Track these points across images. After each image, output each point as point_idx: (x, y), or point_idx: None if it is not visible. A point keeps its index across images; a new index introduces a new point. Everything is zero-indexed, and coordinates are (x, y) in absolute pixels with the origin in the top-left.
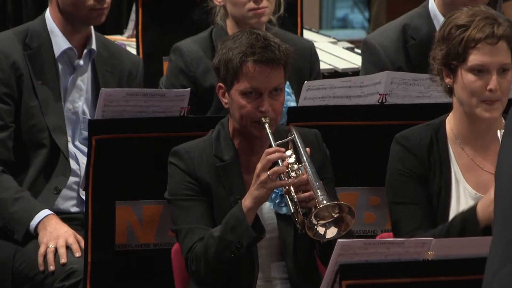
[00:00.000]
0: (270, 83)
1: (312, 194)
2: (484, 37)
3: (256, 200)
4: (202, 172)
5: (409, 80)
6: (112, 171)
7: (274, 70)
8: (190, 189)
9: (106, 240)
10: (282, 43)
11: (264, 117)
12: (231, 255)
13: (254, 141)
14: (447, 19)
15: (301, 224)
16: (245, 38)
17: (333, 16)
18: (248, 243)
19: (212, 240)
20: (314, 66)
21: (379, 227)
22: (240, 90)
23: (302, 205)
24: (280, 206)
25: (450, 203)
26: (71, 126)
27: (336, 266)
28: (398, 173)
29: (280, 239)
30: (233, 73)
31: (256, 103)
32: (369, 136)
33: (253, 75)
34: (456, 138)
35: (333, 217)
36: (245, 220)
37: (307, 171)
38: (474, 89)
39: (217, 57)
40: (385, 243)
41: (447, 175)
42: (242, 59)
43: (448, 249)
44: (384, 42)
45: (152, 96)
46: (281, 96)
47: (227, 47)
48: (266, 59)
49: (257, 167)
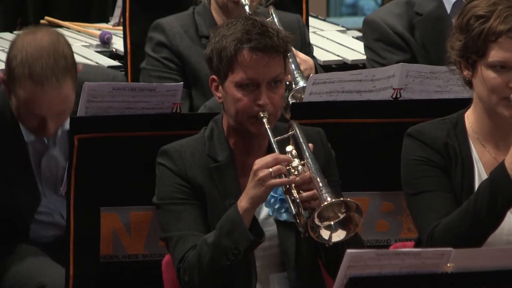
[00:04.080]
0: (268, 73)
1: (316, 193)
2: (506, 29)
3: (253, 200)
4: (194, 173)
5: (426, 73)
6: (96, 174)
7: (273, 59)
8: (181, 192)
9: (90, 251)
10: (281, 29)
11: (262, 112)
12: (228, 262)
13: (251, 139)
14: (465, 7)
15: (303, 227)
16: (240, 25)
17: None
18: (245, 248)
19: (205, 247)
20: (305, 37)
21: (393, 236)
22: (236, 81)
23: (305, 205)
24: (279, 212)
25: None
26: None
27: (345, 280)
28: (414, 163)
29: (280, 247)
30: (227, 63)
31: (253, 96)
32: (382, 136)
33: (250, 64)
34: (477, 134)
35: (339, 218)
36: (242, 222)
37: (310, 168)
38: (494, 86)
39: (210, 46)
40: (400, 254)
41: (470, 172)
42: (237, 47)
43: (469, 260)
44: (387, 17)
45: (140, 91)
46: (280, 88)
47: (220, 35)
48: (264, 46)
49: (256, 163)
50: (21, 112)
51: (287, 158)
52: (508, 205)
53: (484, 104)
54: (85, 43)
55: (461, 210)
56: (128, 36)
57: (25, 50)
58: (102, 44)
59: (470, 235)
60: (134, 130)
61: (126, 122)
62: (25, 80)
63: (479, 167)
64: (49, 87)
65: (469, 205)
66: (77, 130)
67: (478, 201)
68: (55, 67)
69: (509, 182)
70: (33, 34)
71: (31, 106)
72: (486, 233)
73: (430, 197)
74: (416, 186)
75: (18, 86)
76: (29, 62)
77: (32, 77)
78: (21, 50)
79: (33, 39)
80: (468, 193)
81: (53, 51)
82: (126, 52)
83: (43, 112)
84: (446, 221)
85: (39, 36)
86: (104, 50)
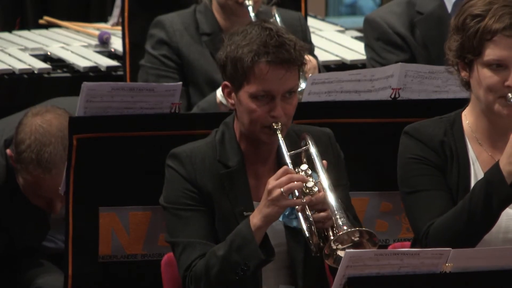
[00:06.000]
0: (284, 86)
1: (329, 214)
2: (501, 28)
3: (267, 218)
4: (204, 180)
5: (425, 73)
6: (95, 173)
7: (290, 72)
8: (190, 198)
9: (88, 251)
10: (297, 39)
11: (275, 123)
12: (236, 277)
13: (262, 147)
14: (462, 7)
15: (316, 246)
16: (256, 34)
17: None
18: (255, 265)
19: (215, 259)
20: (306, 35)
21: (392, 236)
22: (251, 92)
23: (318, 225)
24: (290, 218)
25: None
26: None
27: (343, 279)
28: (410, 162)
29: (289, 254)
30: (243, 74)
31: (267, 107)
32: (381, 135)
33: (266, 77)
34: (474, 133)
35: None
36: (253, 240)
37: (324, 188)
38: (490, 85)
39: (224, 53)
40: (399, 253)
41: (466, 171)
42: (254, 60)
43: (468, 260)
44: (388, 17)
45: (139, 91)
46: (294, 99)
47: (235, 43)
48: (281, 60)
49: (269, 183)
50: (28, 191)
51: (301, 178)
52: (503, 206)
53: (481, 103)
54: (84, 43)
55: (456, 210)
56: (127, 36)
57: (33, 135)
58: (101, 44)
59: (465, 234)
60: (133, 130)
61: (125, 122)
62: (33, 166)
63: (476, 166)
64: (57, 171)
65: (464, 205)
66: (75, 130)
67: (472, 201)
68: (63, 153)
69: (504, 182)
70: (41, 116)
71: (37, 188)
72: (480, 233)
73: (425, 196)
74: (412, 184)
75: (25, 170)
76: (38, 148)
77: (40, 164)
78: (29, 135)
79: (41, 123)
80: (464, 192)
81: (61, 137)
82: (125, 52)
83: (50, 194)
84: (441, 221)
85: (47, 119)
86: (103, 50)
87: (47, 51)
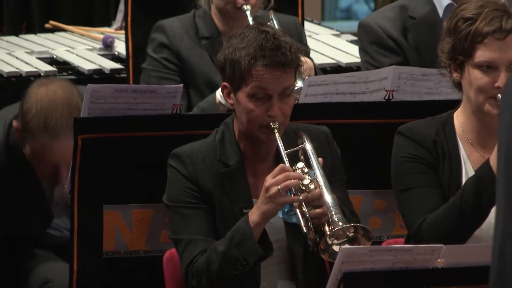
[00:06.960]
0: (280, 86)
1: (325, 210)
2: (491, 31)
3: (265, 215)
4: (204, 180)
5: (418, 76)
6: (99, 173)
7: (286, 74)
8: (191, 196)
9: (93, 247)
10: (293, 42)
11: (272, 122)
12: (236, 272)
13: (261, 146)
14: (455, 11)
15: (312, 242)
16: (253, 37)
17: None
18: (254, 261)
19: (215, 254)
20: (302, 38)
21: (386, 233)
22: (248, 93)
23: (315, 221)
24: (289, 214)
25: None
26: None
27: (339, 275)
28: (404, 160)
29: (289, 250)
30: (241, 76)
31: (265, 106)
32: (375, 136)
33: (263, 78)
34: (465, 133)
35: (348, 237)
36: (252, 236)
37: (320, 185)
38: (481, 86)
39: (222, 55)
40: (392, 250)
41: (457, 170)
42: (251, 63)
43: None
44: (381, 21)
45: (142, 93)
46: (291, 98)
47: (233, 46)
48: (277, 63)
49: (267, 180)
50: (35, 160)
51: (298, 176)
52: (493, 202)
53: (472, 104)
54: (88, 47)
55: (447, 207)
56: (130, 40)
57: (39, 103)
58: (104, 47)
59: (456, 230)
60: (135, 131)
61: (128, 122)
62: (40, 133)
63: (467, 165)
64: (64, 138)
65: (455, 202)
66: (80, 131)
67: (463, 198)
68: (69, 119)
69: (494, 179)
70: (46, 86)
71: (46, 155)
72: (471, 229)
73: (418, 193)
74: (405, 182)
75: (33, 138)
76: (44, 115)
77: (48, 129)
78: (35, 104)
79: (46, 92)
80: (455, 190)
81: (67, 104)
82: (128, 55)
83: (57, 160)
84: (432, 217)
85: (52, 89)
86: (106, 53)
87: (52, 54)
